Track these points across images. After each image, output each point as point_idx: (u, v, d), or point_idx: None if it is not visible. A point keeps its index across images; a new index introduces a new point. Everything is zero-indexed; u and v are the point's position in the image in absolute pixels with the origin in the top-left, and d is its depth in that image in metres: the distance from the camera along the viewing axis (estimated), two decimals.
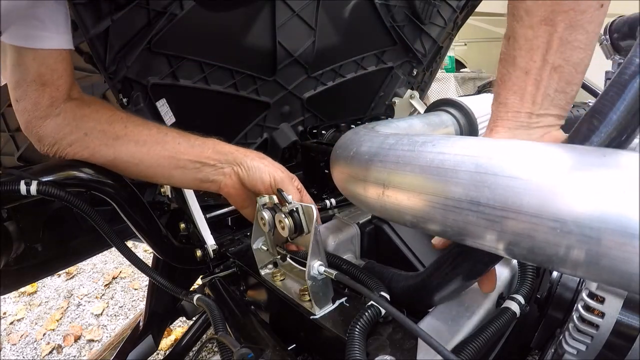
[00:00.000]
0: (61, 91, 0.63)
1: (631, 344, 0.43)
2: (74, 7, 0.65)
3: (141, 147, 0.65)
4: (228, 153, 0.68)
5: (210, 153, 0.67)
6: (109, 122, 0.64)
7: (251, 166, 0.67)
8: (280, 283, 0.66)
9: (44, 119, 0.63)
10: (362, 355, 0.45)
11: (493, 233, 0.34)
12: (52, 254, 0.88)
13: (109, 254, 2.59)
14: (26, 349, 1.96)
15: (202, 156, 0.67)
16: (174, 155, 0.66)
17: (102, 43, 0.72)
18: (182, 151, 0.66)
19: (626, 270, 0.27)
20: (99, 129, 0.64)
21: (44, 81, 0.60)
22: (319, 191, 1.01)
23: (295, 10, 0.99)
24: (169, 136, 0.67)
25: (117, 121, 0.65)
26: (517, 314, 0.53)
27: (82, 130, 0.63)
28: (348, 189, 0.53)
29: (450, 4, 1.36)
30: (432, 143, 0.41)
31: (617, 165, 0.28)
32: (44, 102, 0.61)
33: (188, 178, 0.68)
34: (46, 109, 0.62)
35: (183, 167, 0.67)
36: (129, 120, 0.66)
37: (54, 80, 0.61)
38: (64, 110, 0.63)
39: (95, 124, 0.64)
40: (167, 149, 0.66)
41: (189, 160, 0.66)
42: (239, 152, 0.68)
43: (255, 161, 0.67)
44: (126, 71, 0.76)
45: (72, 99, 0.65)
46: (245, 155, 0.68)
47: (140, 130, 0.65)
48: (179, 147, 0.66)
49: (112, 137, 0.64)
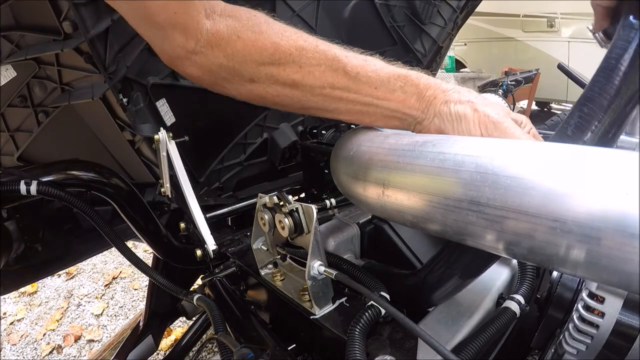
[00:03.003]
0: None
1: (631, 344, 0.43)
2: (74, 7, 0.65)
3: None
4: (431, 98, 0.51)
5: (414, 101, 0.52)
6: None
7: (455, 117, 0.50)
8: (280, 283, 0.66)
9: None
10: (362, 355, 0.45)
11: (493, 233, 0.34)
12: (52, 254, 0.88)
13: (109, 254, 2.59)
14: (26, 349, 1.96)
15: (406, 105, 0.52)
16: (371, 102, 0.53)
17: (102, 43, 0.72)
18: (380, 96, 0.53)
19: (626, 270, 0.27)
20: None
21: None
22: (319, 191, 1.01)
23: (295, 10, 0.99)
24: (361, 79, 0.52)
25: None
26: (517, 314, 0.53)
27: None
28: (348, 189, 0.52)
29: (450, 4, 1.36)
30: (432, 143, 0.41)
31: (617, 165, 0.28)
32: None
33: (376, 121, 0.56)
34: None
35: (375, 113, 0.54)
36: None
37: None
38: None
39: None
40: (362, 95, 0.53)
41: (387, 109, 0.53)
42: (440, 95, 0.51)
43: (461, 106, 0.49)
44: (126, 71, 0.76)
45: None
46: (446, 101, 0.50)
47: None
48: (376, 93, 0.53)
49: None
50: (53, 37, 0.73)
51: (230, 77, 0.53)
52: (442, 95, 0.51)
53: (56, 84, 0.82)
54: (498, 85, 1.31)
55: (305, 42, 0.52)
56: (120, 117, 0.83)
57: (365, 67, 0.52)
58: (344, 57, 0.52)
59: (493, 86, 1.33)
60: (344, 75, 0.52)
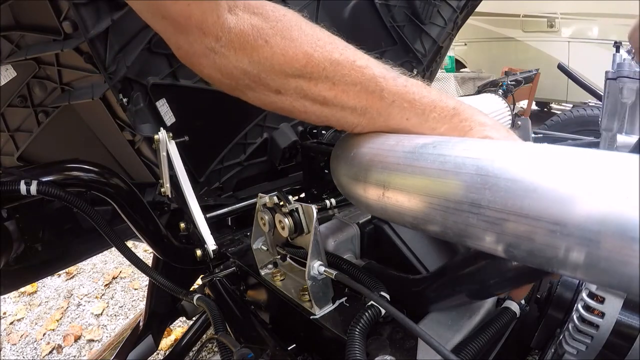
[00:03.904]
0: None
1: (631, 344, 0.44)
2: (74, 7, 0.65)
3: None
4: (466, 129, 0.47)
5: (444, 131, 0.49)
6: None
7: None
8: (280, 283, 0.66)
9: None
10: (362, 355, 0.45)
11: (493, 235, 0.34)
12: (52, 254, 0.88)
13: (109, 254, 2.59)
14: (26, 349, 1.96)
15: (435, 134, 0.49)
16: (400, 129, 0.50)
17: (102, 43, 0.72)
18: (410, 126, 0.49)
19: (626, 273, 0.27)
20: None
21: None
22: (319, 191, 1.01)
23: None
24: (395, 107, 0.48)
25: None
26: (517, 314, 0.53)
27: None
28: (348, 190, 0.52)
29: (450, 4, 1.36)
30: (433, 145, 0.41)
31: (617, 168, 0.28)
32: None
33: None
34: None
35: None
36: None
37: None
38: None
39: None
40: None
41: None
42: (476, 127, 0.47)
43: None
44: (126, 71, 0.76)
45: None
46: (485, 136, 0.46)
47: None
48: (407, 123, 0.49)
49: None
50: (53, 37, 0.73)
51: (254, 85, 0.48)
52: (479, 128, 0.46)
53: (56, 84, 0.82)
54: (498, 85, 1.31)
55: (342, 55, 0.46)
56: (120, 117, 0.83)
57: (403, 95, 0.47)
58: (382, 78, 0.47)
59: (493, 86, 1.33)
60: (380, 100, 0.47)
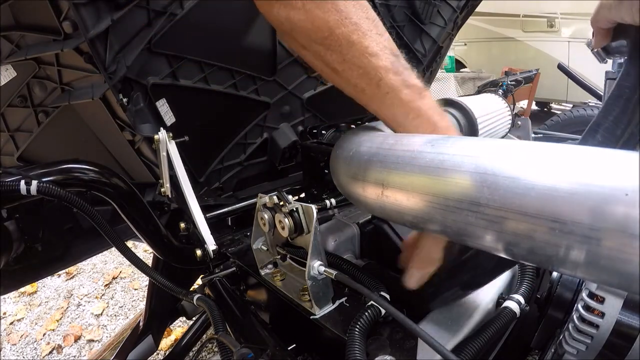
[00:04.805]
0: None
1: (631, 344, 0.43)
2: (74, 7, 0.65)
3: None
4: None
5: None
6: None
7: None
8: (280, 283, 0.66)
9: None
10: (362, 355, 0.45)
11: (493, 233, 0.34)
12: (52, 254, 0.88)
13: (109, 254, 2.59)
14: (26, 349, 1.96)
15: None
16: (384, 117, 0.56)
17: (102, 43, 0.72)
18: (390, 115, 0.55)
19: (626, 271, 0.26)
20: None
21: None
22: (319, 191, 1.01)
23: None
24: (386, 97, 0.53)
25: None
26: (517, 314, 0.53)
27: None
28: (347, 189, 0.52)
29: (450, 4, 1.36)
30: (432, 143, 0.41)
31: (617, 166, 0.28)
32: None
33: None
34: None
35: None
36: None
37: None
38: None
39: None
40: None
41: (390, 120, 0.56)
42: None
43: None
44: (126, 71, 0.76)
45: None
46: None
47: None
48: (392, 116, 0.54)
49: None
50: (53, 37, 0.73)
51: (286, 37, 0.55)
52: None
53: (56, 84, 0.82)
54: (498, 85, 1.31)
55: (359, 38, 0.51)
56: (120, 117, 0.83)
57: (396, 90, 0.51)
58: (384, 70, 0.51)
59: (493, 86, 1.33)
60: (376, 88, 0.52)
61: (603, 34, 0.57)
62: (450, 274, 0.50)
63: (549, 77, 3.20)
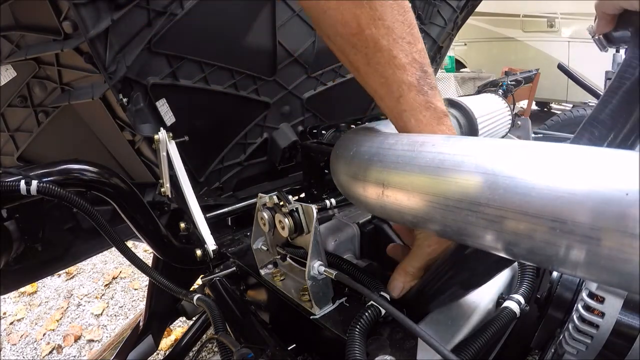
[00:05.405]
0: None
1: (631, 344, 0.43)
2: (74, 7, 0.65)
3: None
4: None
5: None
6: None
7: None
8: (280, 283, 0.66)
9: None
10: (362, 355, 0.45)
11: (493, 233, 0.34)
12: (52, 254, 0.88)
13: (109, 254, 2.59)
14: (26, 349, 1.96)
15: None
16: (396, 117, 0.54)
17: (102, 43, 0.72)
18: (403, 125, 0.53)
19: (626, 270, 0.26)
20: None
21: None
22: (319, 191, 1.01)
23: (295, 10, 0.99)
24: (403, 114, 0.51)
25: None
26: (517, 314, 0.53)
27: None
28: (348, 189, 0.52)
29: (450, 4, 1.36)
30: (432, 143, 0.41)
31: (617, 165, 0.28)
32: None
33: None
34: None
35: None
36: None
37: None
38: None
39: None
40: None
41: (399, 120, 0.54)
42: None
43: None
44: (126, 71, 0.76)
45: None
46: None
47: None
48: (406, 125, 0.53)
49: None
50: (53, 37, 0.73)
51: (315, 23, 0.52)
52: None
53: (56, 84, 0.82)
54: (498, 85, 1.31)
55: (388, 44, 0.47)
56: (120, 117, 0.83)
57: (415, 111, 0.49)
58: (407, 86, 0.48)
59: (493, 86, 1.33)
60: (395, 102, 0.50)
61: (607, 19, 0.53)
62: (450, 273, 0.50)
63: (549, 77, 3.20)
